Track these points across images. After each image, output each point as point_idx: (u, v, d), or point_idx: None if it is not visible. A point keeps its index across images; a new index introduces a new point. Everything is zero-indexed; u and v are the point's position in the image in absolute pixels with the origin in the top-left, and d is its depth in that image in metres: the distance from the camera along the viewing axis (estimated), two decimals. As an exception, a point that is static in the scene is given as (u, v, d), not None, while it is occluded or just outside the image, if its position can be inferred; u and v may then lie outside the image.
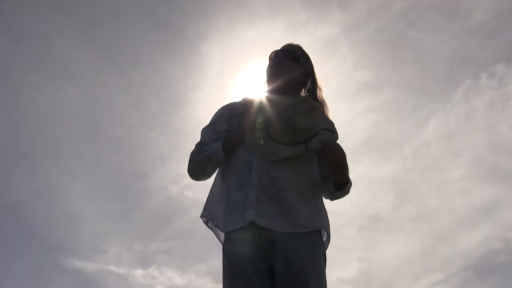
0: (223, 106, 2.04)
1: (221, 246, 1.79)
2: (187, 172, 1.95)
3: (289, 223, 1.68)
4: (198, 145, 1.94)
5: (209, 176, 1.93)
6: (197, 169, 1.92)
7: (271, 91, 1.97)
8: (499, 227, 7.39)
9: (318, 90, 2.03)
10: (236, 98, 2.06)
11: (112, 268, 7.79)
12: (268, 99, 1.94)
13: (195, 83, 7.60)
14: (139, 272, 7.85)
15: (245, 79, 2.14)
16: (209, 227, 1.84)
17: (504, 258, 7.30)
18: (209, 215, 1.84)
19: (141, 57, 7.77)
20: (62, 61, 7.53)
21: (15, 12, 7.09)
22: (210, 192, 1.91)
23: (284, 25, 7.30)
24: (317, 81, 2.05)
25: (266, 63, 2.07)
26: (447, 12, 7.33)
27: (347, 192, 1.87)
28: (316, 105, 1.87)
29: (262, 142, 1.79)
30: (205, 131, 1.99)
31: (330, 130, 1.81)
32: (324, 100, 2.03)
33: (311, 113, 1.83)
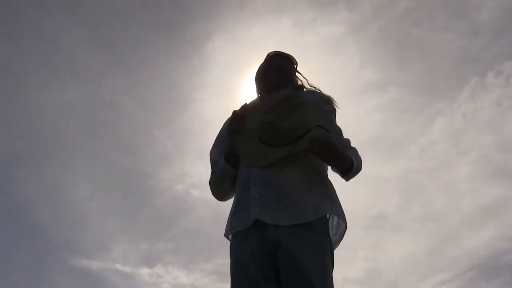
0: (226, 120, 2.06)
1: (226, 246, 1.80)
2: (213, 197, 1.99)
3: (293, 215, 1.66)
4: (211, 167, 1.97)
5: (232, 193, 1.92)
6: (217, 191, 1.95)
7: (266, 88, 2.03)
8: (506, 226, 7.35)
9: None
10: (241, 98, 2.08)
11: (118, 266, 7.82)
12: (254, 102, 1.96)
13: (201, 83, 7.62)
14: (145, 271, 7.88)
15: (251, 78, 2.13)
16: (229, 239, 1.84)
17: (511, 258, 7.26)
18: (225, 229, 1.85)
19: (147, 57, 7.79)
20: (68, 61, 7.56)
21: (20, 11, 7.13)
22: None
23: (289, 24, 7.29)
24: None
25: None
26: (453, 10, 7.29)
27: (357, 170, 1.82)
28: (302, 102, 1.82)
29: (250, 149, 1.80)
30: (212, 152, 2.01)
31: (323, 126, 1.76)
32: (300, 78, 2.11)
33: (298, 110, 1.78)
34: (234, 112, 1.94)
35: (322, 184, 1.79)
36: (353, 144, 1.92)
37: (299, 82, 2.09)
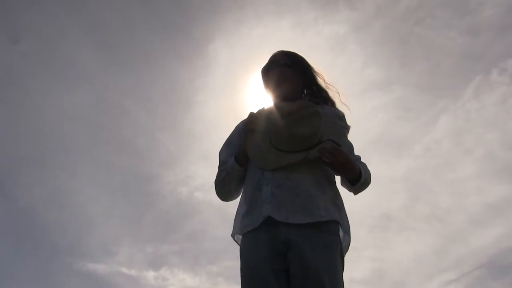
0: (238, 124, 2.07)
1: (232, 248, 1.81)
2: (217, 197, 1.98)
3: (305, 214, 1.67)
4: (218, 167, 1.97)
5: (237, 193, 1.94)
6: (222, 190, 1.95)
7: (277, 98, 2.00)
8: (513, 224, 7.29)
9: (319, 80, 2.06)
10: (245, 99, 2.07)
11: (124, 270, 7.81)
12: (270, 107, 1.95)
13: (203, 84, 7.59)
14: (150, 274, 7.86)
15: (253, 79, 2.12)
16: (235, 240, 1.85)
17: (518, 256, 7.20)
18: (234, 229, 1.86)
19: (149, 59, 7.79)
20: (70, 65, 7.57)
21: (22, 15, 7.15)
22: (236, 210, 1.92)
23: (291, 25, 7.27)
24: (316, 74, 2.07)
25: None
26: (456, 7, 7.24)
27: (366, 183, 1.84)
28: (318, 111, 1.81)
29: (261, 151, 1.81)
30: (221, 152, 2.01)
31: (335, 141, 1.79)
32: (328, 87, 2.06)
33: (312, 120, 1.79)
34: (251, 113, 1.94)
35: (332, 191, 1.81)
36: (357, 144, 1.94)
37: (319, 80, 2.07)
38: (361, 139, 1.93)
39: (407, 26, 7.41)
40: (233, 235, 1.86)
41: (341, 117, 1.97)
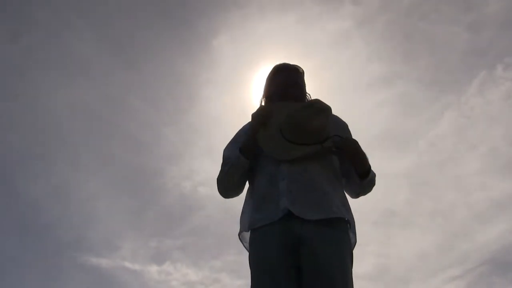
0: (245, 124, 2.05)
1: (235, 242, 1.81)
2: (219, 194, 1.97)
3: (319, 210, 1.68)
4: (221, 164, 1.96)
5: (239, 189, 1.94)
6: (225, 184, 1.93)
7: (284, 98, 1.99)
8: (517, 220, 7.27)
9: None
10: (248, 94, 2.08)
11: (127, 264, 7.85)
12: (279, 102, 1.97)
13: (208, 79, 7.60)
14: (154, 268, 7.90)
15: (257, 74, 2.12)
16: (240, 239, 1.85)
17: (523, 252, 7.18)
18: (241, 227, 1.85)
19: (154, 54, 7.79)
20: (75, 59, 7.59)
21: (28, 11, 7.16)
22: (242, 209, 1.91)
23: (296, 20, 7.25)
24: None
25: (277, 58, 2.08)
26: (461, 3, 7.21)
27: (372, 182, 1.87)
28: (326, 107, 1.84)
29: (275, 143, 1.81)
30: (225, 150, 2.00)
31: (341, 137, 1.83)
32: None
33: (321, 115, 1.81)
34: (261, 106, 1.95)
35: (342, 191, 1.85)
36: (360, 139, 1.92)
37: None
38: (364, 134, 1.95)
39: (411, 21, 7.38)
40: (240, 234, 1.85)
41: (344, 127, 2.01)
